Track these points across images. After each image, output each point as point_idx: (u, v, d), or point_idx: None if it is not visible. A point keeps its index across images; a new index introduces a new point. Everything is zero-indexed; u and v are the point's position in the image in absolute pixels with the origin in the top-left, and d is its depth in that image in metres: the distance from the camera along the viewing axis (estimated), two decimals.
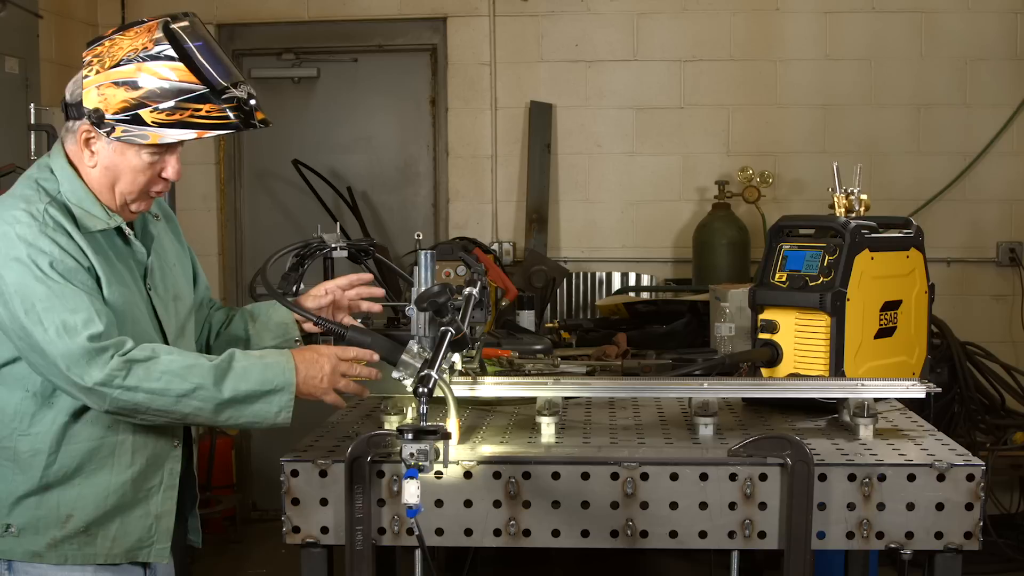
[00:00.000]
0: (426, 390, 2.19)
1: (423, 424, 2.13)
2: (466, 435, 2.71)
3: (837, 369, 2.93)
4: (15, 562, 2.33)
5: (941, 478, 2.41)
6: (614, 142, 6.16)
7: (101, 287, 2.30)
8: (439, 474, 2.42)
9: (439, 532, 2.46)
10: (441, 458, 2.14)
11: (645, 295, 5.74)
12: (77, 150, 2.35)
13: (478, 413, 3.02)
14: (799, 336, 3.00)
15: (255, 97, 2.35)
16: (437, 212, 6.31)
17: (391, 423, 2.73)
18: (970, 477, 2.40)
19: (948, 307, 5.66)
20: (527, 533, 2.45)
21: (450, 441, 2.17)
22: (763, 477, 2.41)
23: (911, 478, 2.41)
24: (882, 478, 2.41)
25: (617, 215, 6.18)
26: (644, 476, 2.43)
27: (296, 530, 2.49)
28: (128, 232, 2.42)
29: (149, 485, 2.40)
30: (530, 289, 5.36)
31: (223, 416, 2.30)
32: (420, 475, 2.10)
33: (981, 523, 2.41)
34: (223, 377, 2.27)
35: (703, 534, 2.43)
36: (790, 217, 3.26)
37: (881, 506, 2.41)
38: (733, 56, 6.07)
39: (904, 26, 6.00)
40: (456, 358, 2.66)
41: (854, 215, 3.11)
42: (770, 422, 2.91)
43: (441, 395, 2.33)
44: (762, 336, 3.07)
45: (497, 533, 2.46)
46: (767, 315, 3.06)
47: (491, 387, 2.75)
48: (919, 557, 2.44)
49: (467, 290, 2.57)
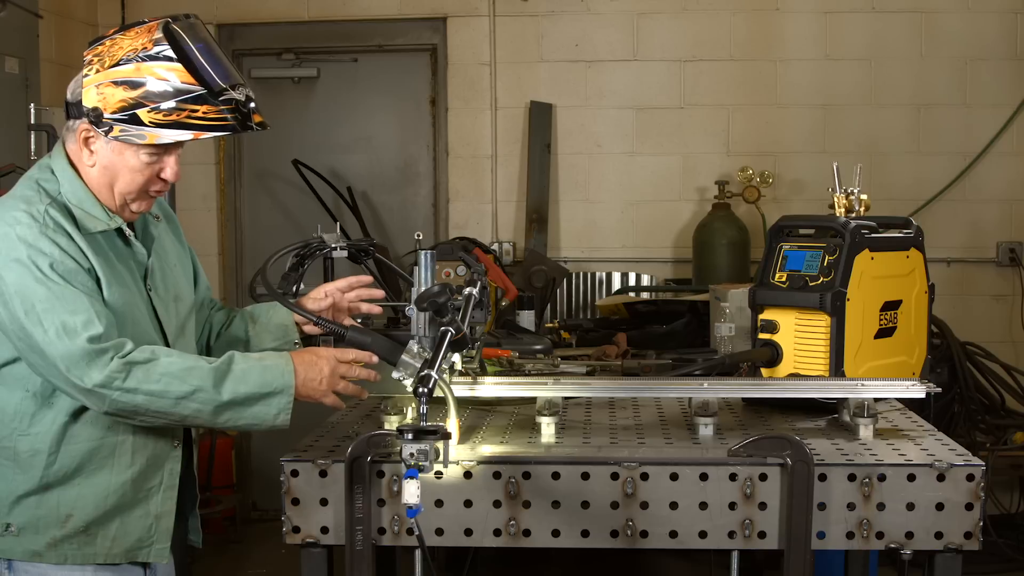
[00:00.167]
0: (426, 390, 2.19)
1: (423, 424, 2.13)
2: (466, 435, 2.71)
3: (837, 369, 2.93)
4: (15, 561, 2.33)
5: (941, 478, 2.41)
6: (614, 142, 6.16)
7: (101, 288, 2.30)
8: (439, 474, 2.42)
9: (439, 532, 2.46)
10: (441, 458, 2.14)
11: (645, 295, 5.73)
12: (77, 149, 2.35)
13: (478, 413, 3.02)
14: (799, 336, 3.00)
15: (253, 100, 2.36)
16: (437, 212, 6.31)
17: (391, 423, 2.73)
18: (970, 477, 2.40)
19: (948, 307, 5.66)
20: (527, 533, 2.45)
21: (450, 441, 2.17)
22: (763, 477, 2.41)
23: (911, 478, 2.41)
24: (882, 478, 2.41)
25: (617, 215, 6.18)
26: (644, 476, 2.43)
27: (296, 530, 2.49)
28: (128, 233, 2.42)
29: (149, 485, 2.40)
30: (530, 289, 5.36)
31: (222, 418, 2.30)
32: (420, 475, 2.10)
33: (981, 523, 2.41)
34: (222, 379, 2.28)
35: (703, 534, 2.43)
36: (790, 217, 3.26)
37: (881, 506, 2.41)
38: (733, 56, 6.07)
39: (904, 26, 5.99)
40: (456, 358, 2.66)
41: (854, 215, 3.11)
42: (770, 422, 2.91)
43: (441, 395, 2.33)
44: (762, 336, 3.06)
45: (497, 533, 2.46)
46: (767, 315, 3.06)
47: (491, 387, 2.75)
48: (919, 557, 2.44)
49: (467, 290, 2.57)
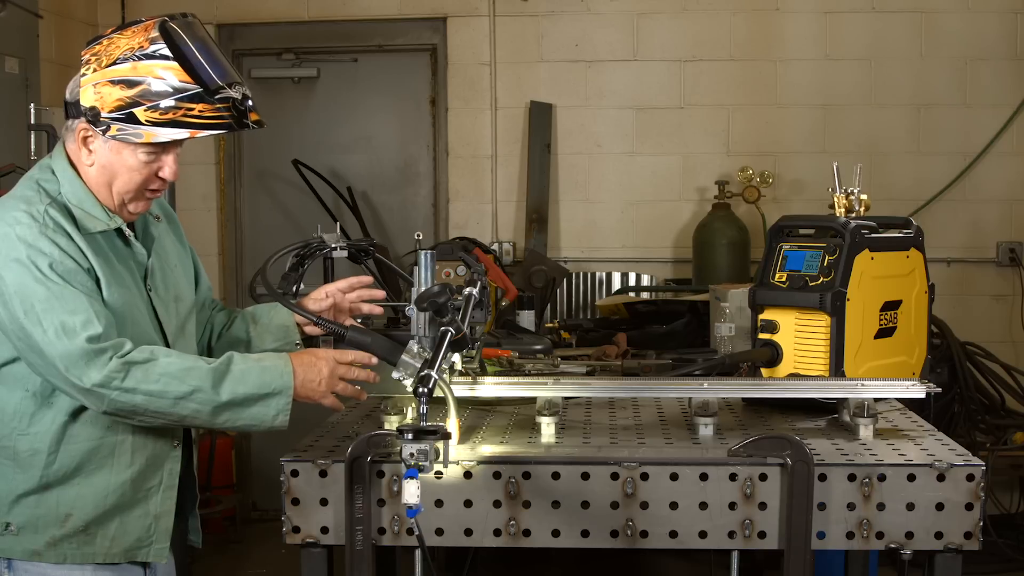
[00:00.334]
0: (426, 390, 2.19)
1: (423, 424, 2.13)
2: (466, 435, 2.71)
3: (837, 369, 2.93)
4: (14, 560, 2.33)
5: (941, 478, 2.41)
6: (614, 142, 6.16)
7: (101, 288, 2.30)
8: (439, 474, 2.42)
9: (439, 532, 2.46)
10: (441, 458, 2.14)
11: (645, 295, 5.73)
12: (76, 149, 2.35)
13: (478, 413, 3.02)
14: (799, 336, 3.00)
15: (250, 98, 2.35)
16: (437, 212, 6.31)
17: (391, 423, 2.73)
18: (970, 477, 2.40)
19: (948, 307, 5.66)
20: (527, 533, 2.45)
21: (450, 441, 2.17)
22: (763, 477, 2.41)
23: (911, 478, 2.41)
24: (882, 478, 2.41)
25: (617, 215, 6.18)
26: (644, 476, 2.43)
27: (296, 530, 2.48)
28: (128, 233, 2.42)
29: (148, 485, 2.40)
30: (530, 289, 5.35)
31: (220, 419, 2.30)
32: (420, 475, 2.10)
33: (981, 523, 2.41)
34: (221, 380, 2.27)
35: (703, 534, 2.43)
36: (790, 217, 3.25)
37: (881, 506, 2.41)
38: (733, 56, 6.07)
39: (904, 26, 5.99)
40: (456, 358, 2.65)
41: (854, 215, 3.11)
42: (770, 422, 2.91)
43: (441, 395, 2.33)
44: (762, 336, 3.06)
45: (497, 533, 2.45)
46: (767, 315, 3.06)
47: (491, 387, 2.75)
48: (919, 557, 2.44)
49: (467, 290, 2.57)
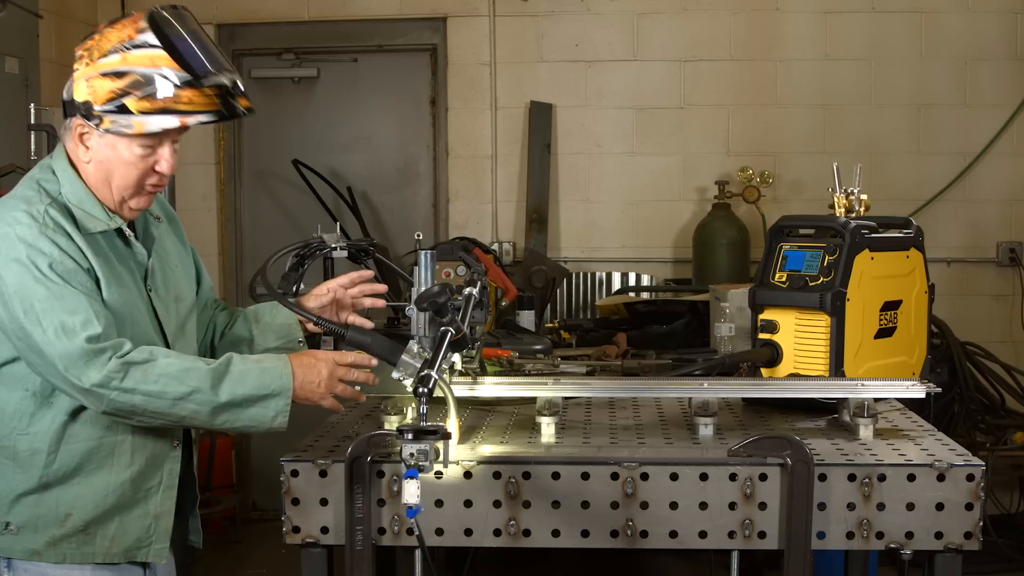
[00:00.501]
0: (426, 390, 2.19)
1: (423, 424, 2.12)
2: (466, 435, 2.71)
3: (837, 369, 2.93)
4: (14, 560, 2.33)
5: (941, 478, 2.40)
6: (614, 142, 6.16)
7: (100, 288, 2.30)
8: (439, 474, 2.42)
9: (439, 532, 2.46)
10: (441, 458, 2.14)
11: (645, 295, 5.73)
12: (74, 147, 2.35)
13: (478, 413, 3.02)
14: (799, 336, 3.00)
15: (239, 84, 2.32)
16: (437, 212, 6.31)
17: (391, 423, 2.73)
18: (970, 477, 2.40)
19: (948, 307, 5.66)
20: (527, 533, 2.45)
21: (450, 441, 2.17)
22: (763, 477, 2.41)
23: (911, 478, 2.41)
24: (882, 478, 2.41)
25: (617, 215, 6.18)
26: (644, 476, 2.43)
27: (296, 530, 2.48)
28: (128, 233, 2.42)
29: (148, 485, 2.40)
30: (530, 289, 5.35)
31: (219, 420, 2.30)
32: (420, 475, 2.09)
33: (981, 523, 2.41)
34: (220, 381, 2.27)
35: (703, 534, 2.43)
36: (790, 217, 3.25)
37: (881, 506, 2.41)
38: (733, 56, 6.07)
39: (904, 26, 5.99)
40: (456, 358, 2.66)
41: (854, 215, 3.11)
42: (770, 422, 2.91)
43: (441, 395, 2.33)
44: (762, 336, 3.06)
45: (497, 533, 2.45)
46: (767, 315, 3.06)
47: (491, 387, 2.75)
48: (919, 557, 2.44)
49: (467, 290, 2.57)
